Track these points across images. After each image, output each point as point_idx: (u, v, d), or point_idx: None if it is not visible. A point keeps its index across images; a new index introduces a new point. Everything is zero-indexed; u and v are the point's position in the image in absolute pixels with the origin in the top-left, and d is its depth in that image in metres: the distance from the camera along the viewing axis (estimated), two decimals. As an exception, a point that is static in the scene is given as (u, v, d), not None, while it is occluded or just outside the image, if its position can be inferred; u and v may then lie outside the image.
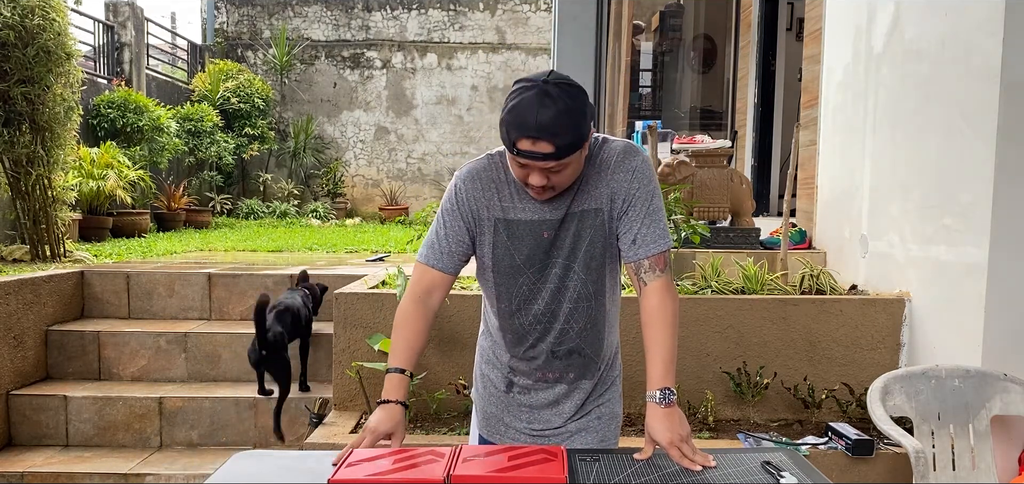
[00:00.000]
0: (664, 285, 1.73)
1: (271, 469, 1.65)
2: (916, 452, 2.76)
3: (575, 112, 1.57)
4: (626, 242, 1.75)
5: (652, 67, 9.25)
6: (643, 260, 1.72)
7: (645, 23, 9.22)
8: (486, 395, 1.97)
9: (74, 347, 4.48)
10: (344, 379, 3.69)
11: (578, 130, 1.58)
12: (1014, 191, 2.97)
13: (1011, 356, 3.02)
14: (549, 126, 1.55)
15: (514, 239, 1.77)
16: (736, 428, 3.49)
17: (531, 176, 1.63)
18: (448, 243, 1.79)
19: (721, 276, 3.88)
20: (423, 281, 1.81)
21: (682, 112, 8.98)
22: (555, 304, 1.79)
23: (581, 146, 1.61)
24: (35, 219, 5.63)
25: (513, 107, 1.59)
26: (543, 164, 1.59)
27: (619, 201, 1.73)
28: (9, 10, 5.26)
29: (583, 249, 1.76)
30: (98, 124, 8.65)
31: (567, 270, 1.77)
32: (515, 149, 1.60)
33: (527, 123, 1.56)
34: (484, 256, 1.81)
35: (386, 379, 1.73)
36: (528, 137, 1.56)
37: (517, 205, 1.76)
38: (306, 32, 12.82)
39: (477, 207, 1.78)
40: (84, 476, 3.79)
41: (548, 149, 1.56)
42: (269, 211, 11.45)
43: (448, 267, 1.80)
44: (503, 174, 1.78)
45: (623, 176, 1.73)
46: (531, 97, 1.57)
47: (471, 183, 1.78)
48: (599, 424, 1.90)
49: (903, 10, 3.73)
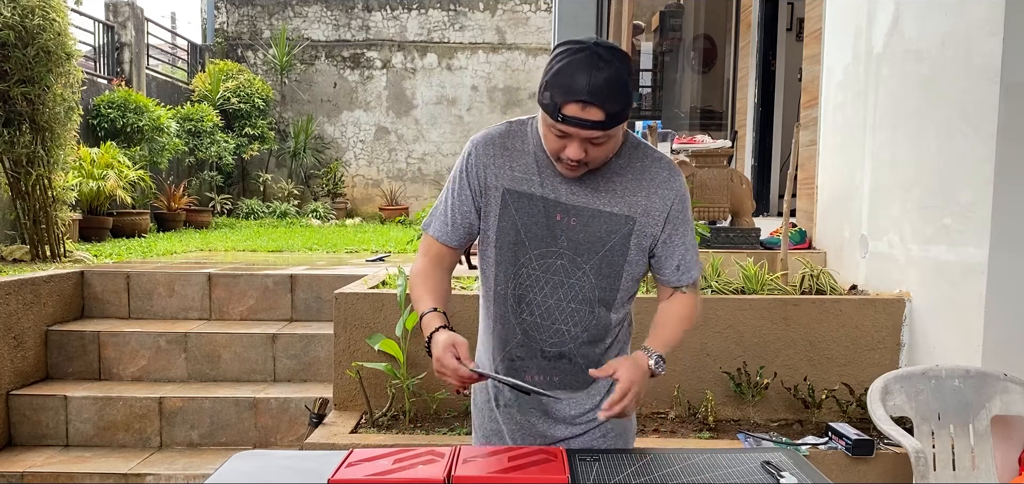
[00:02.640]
0: (695, 298, 1.78)
1: (271, 469, 1.65)
2: (916, 452, 2.76)
3: (625, 79, 1.49)
4: (669, 267, 1.72)
5: (652, 67, 9.25)
6: (684, 286, 1.74)
7: (645, 23, 9.22)
8: (480, 412, 1.88)
9: (74, 347, 4.48)
10: (344, 379, 3.68)
11: (628, 99, 1.50)
12: (1014, 191, 2.97)
13: (1011, 356, 3.02)
14: (601, 91, 1.45)
15: (522, 214, 1.66)
16: (736, 428, 3.49)
17: (569, 148, 1.53)
18: (453, 215, 1.71)
19: (721, 276, 3.88)
20: (431, 251, 1.75)
21: (682, 112, 8.98)
22: (554, 300, 1.68)
23: (627, 118, 1.53)
24: (35, 219, 5.63)
25: (561, 69, 1.47)
26: (589, 133, 1.49)
27: (659, 221, 1.67)
28: (9, 10, 5.26)
29: (601, 253, 1.66)
30: (98, 124, 8.65)
31: (575, 266, 1.66)
32: (560, 115, 1.48)
33: (578, 86, 1.45)
34: (489, 230, 1.70)
35: (422, 322, 1.64)
36: (578, 101, 1.45)
37: (532, 178, 1.65)
38: (306, 32, 12.82)
39: (486, 174, 1.67)
40: (84, 476, 3.79)
41: (598, 116, 1.47)
42: (269, 211, 11.45)
43: (452, 240, 1.73)
44: (521, 143, 1.67)
45: (667, 195, 1.67)
46: (582, 59, 1.46)
47: (484, 148, 1.68)
48: (605, 442, 1.79)
49: (903, 10, 3.73)
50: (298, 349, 4.48)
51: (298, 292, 4.90)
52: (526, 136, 1.69)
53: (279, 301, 4.90)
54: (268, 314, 4.89)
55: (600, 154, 1.56)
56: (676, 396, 3.57)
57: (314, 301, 4.90)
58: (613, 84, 1.47)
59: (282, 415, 4.15)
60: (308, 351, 4.49)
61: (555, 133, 1.54)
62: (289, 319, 4.89)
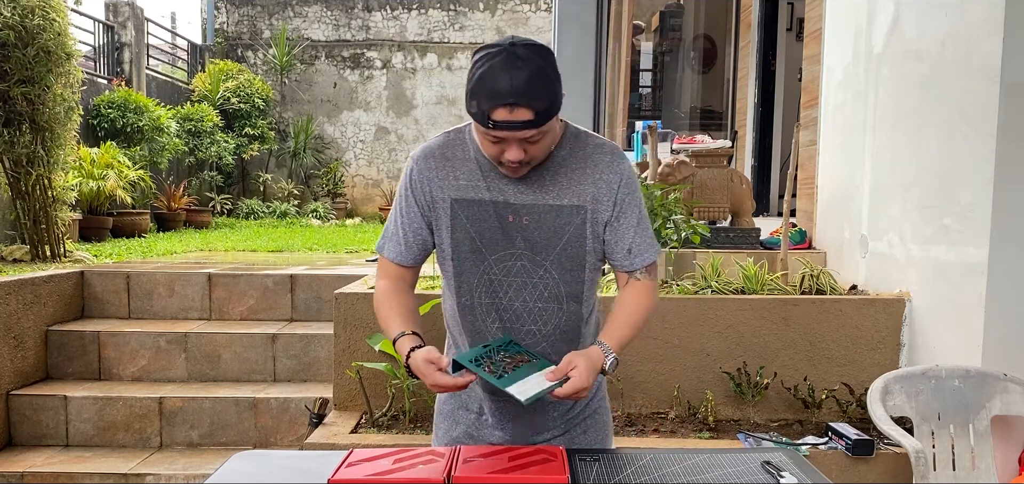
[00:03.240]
0: (651, 286, 1.73)
1: (271, 469, 1.65)
2: (916, 452, 2.76)
3: (549, 73, 1.49)
4: (620, 251, 1.69)
5: (652, 67, 9.25)
6: (638, 271, 1.71)
7: (645, 23, 9.22)
8: (447, 418, 1.83)
9: (74, 347, 4.48)
10: (344, 379, 3.68)
11: (555, 93, 1.50)
12: (1014, 191, 2.97)
13: (1011, 356, 3.02)
14: (525, 90, 1.45)
15: (474, 221, 1.64)
16: (736, 428, 3.49)
17: (508, 152, 1.52)
18: (404, 233, 1.70)
19: (721, 276, 3.88)
20: (390, 273, 1.74)
21: (682, 112, 8.98)
22: (520, 302, 1.66)
23: (558, 111, 1.53)
24: (35, 219, 5.63)
25: (482, 76, 1.47)
26: (522, 134, 1.49)
27: (607, 205, 1.66)
28: (9, 10, 5.26)
29: (560, 247, 1.65)
30: (98, 124, 8.65)
31: (536, 265, 1.65)
32: (490, 122, 1.48)
33: (501, 90, 1.44)
34: (443, 243, 1.68)
35: (396, 347, 1.64)
36: (504, 105, 1.45)
37: (478, 184, 1.64)
38: (306, 32, 12.82)
39: (431, 188, 1.66)
40: (84, 476, 3.79)
41: (527, 116, 1.46)
42: (269, 211, 11.45)
43: (407, 259, 1.72)
44: (462, 151, 1.66)
45: (611, 179, 1.66)
46: (501, 61, 1.46)
47: (425, 162, 1.67)
48: (585, 440, 1.79)
49: (903, 10, 3.73)
50: (298, 349, 4.48)
51: (298, 292, 4.91)
52: (465, 143, 1.68)
53: (279, 301, 4.90)
54: (268, 314, 4.89)
55: (539, 151, 1.56)
56: (676, 396, 3.57)
57: (314, 301, 4.90)
58: (536, 81, 1.46)
59: (282, 415, 4.15)
60: (308, 351, 4.49)
61: (490, 139, 1.53)
62: (289, 319, 4.89)
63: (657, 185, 3.94)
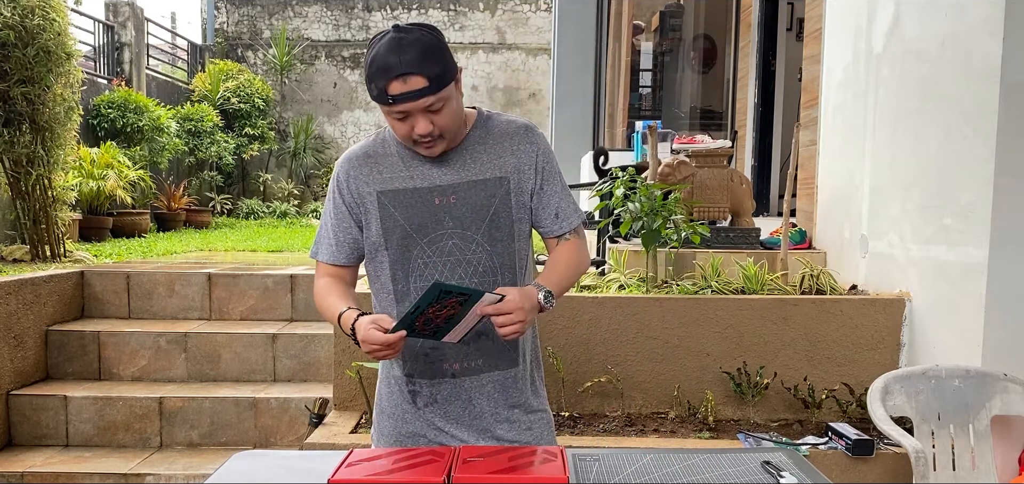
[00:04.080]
0: (581, 242, 1.83)
1: (271, 469, 1.64)
2: (916, 452, 2.76)
3: (436, 45, 1.57)
4: (548, 217, 1.78)
5: (652, 67, 9.25)
6: (566, 233, 1.79)
7: (645, 23, 9.22)
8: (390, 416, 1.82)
9: (74, 347, 4.48)
10: (344, 379, 3.68)
11: (445, 61, 1.58)
12: (1014, 191, 2.97)
13: (1011, 356, 3.01)
14: (414, 61, 1.53)
15: (401, 208, 1.70)
16: (736, 428, 3.49)
17: (416, 125, 1.59)
18: (336, 234, 1.76)
19: (721, 276, 3.88)
20: (328, 273, 1.79)
21: (682, 112, 8.98)
22: (456, 279, 1.71)
23: (453, 78, 1.60)
24: (35, 219, 5.63)
25: (373, 59, 1.57)
26: (422, 102, 1.56)
27: (530, 174, 1.74)
28: (9, 10, 5.26)
29: (487, 219, 1.71)
30: (98, 124, 8.66)
31: (466, 241, 1.70)
32: (389, 98, 1.56)
33: (391, 65, 1.54)
34: (372, 236, 1.74)
35: (341, 323, 1.66)
36: (398, 77, 1.54)
37: (402, 175, 1.71)
38: (306, 32, 12.82)
39: (357, 186, 1.73)
40: (84, 476, 3.79)
41: (421, 84, 1.54)
42: (269, 211, 11.46)
43: (339, 259, 1.77)
44: (383, 149, 1.74)
45: (530, 149, 1.75)
46: (388, 42, 1.56)
47: (349, 165, 1.75)
48: (531, 436, 1.80)
49: (903, 10, 3.73)
50: (298, 349, 4.49)
51: (298, 292, 4.91)
52: (386, 142, 1.76)
53: (279, 301, 4.90)
54: (268, 314, 4.89)
55: (446, 121, 1.62)
56: (676, 396, 3.57)
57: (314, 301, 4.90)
58: (423, 50, 1.55)
59: (282, 415, 4.15)
60: (308, 351, 4.49)
61: (396, 117, 1.60)
62: (289, 319, 4.89)
63: (657, 185, 3.94)
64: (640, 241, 3.86)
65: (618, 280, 3.93)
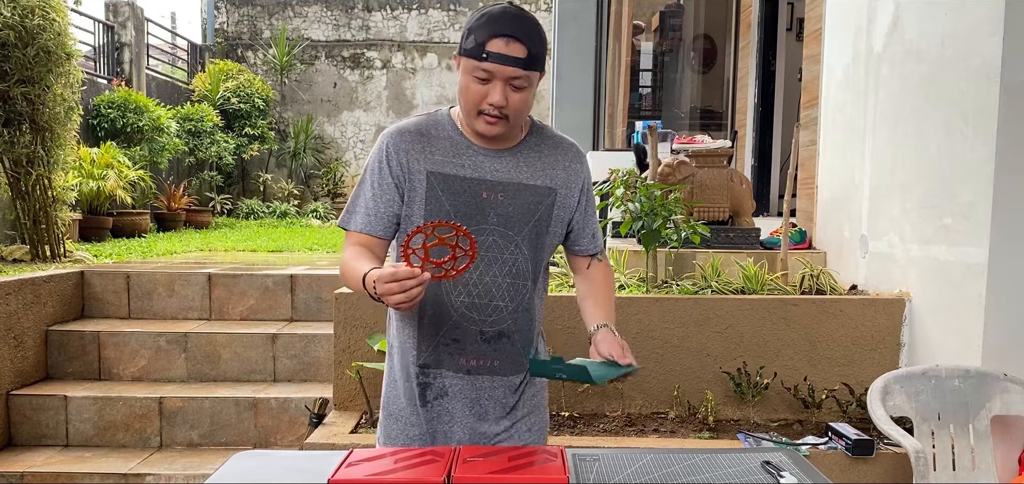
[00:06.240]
0: (609, 265, 1.92)
1: (271, 469, 1.64)
2: (916, 452, 2.76)
3: (543, 35, 1.62)
4: (586, 236, 1.84)
5: (652, 67, 9.25)
6: (598, 254, 1.87)
7: (645, 23, 9.21)
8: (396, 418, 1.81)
9: (74, 347, 4.48)
10: (344, 379, 3.68)
11: (544, 50, 1.62)
12: (1014, 191, 2.97)
13: (1011, 356, 3.02)
14: (524, 29, 1.57)
15: (448, 194, 1.67)
16: (736, 428, 3.49)
17: (492, 93, 1.58)
18: (375, 205, 1.70)
19: (721, 276, 3.88)
20: (359, 242, 1.70)
21: (682, 112, 8.97)
22: (489, 276, 1.69)
23: (542, 70, 1.64)
24: (35, 219, 5.63)
25: (483, 15, 1.59)
26: (512, 71, 1.57)
27: (576, 193, 1.78)
28: (9, 10, 5.26)
29: (531, 224, 1.72)
30: (98, 124, 8.66)
31: (507, 240, 1.69)
32: (485, 53, 1.56)
33: (503, 21, 1.55)
34: (413, 215, 1.68)
35: (366, 283, 1.54)
36: (503, 36, 1.55)
37: (453, 161, 1.69)
38: (306, 32, 12.82)
39: (407, 159, 1.69)
40: (84, 476, 3.79)
41: (521, 52, 1.56)
42: (269, 211, 11.46)
43: (376, 229, 1.70)
44: (437, 130, 1.72)
45: (580, 169, 1.80)
46: (502, 8, 1.58)
47: (400, 137, 1.71)
48: (530, 436, 1.82)
49: (903, 10, 3.73)
50: (298, 349, 4.49)
51: (298, 292, 4.91)
52: (441, 124, 1.75)
53: (279, 301, 4.90)
54: (268, 314, 4.89)
55: (519, 103, 1.62)
56: (676, 396, 3.57)
57: (314, 301, 4.90)
58: (534, 25, 1.60)
59: (282, 415, 4.16)
60: (308, 351, 4.49)
61: (478, 76, 1.59)
62: (289, 319, 4.89)
63: (657, 185, 3.94)
64: (640, 241, 3.86)
65: (618, 280, 3.93)
